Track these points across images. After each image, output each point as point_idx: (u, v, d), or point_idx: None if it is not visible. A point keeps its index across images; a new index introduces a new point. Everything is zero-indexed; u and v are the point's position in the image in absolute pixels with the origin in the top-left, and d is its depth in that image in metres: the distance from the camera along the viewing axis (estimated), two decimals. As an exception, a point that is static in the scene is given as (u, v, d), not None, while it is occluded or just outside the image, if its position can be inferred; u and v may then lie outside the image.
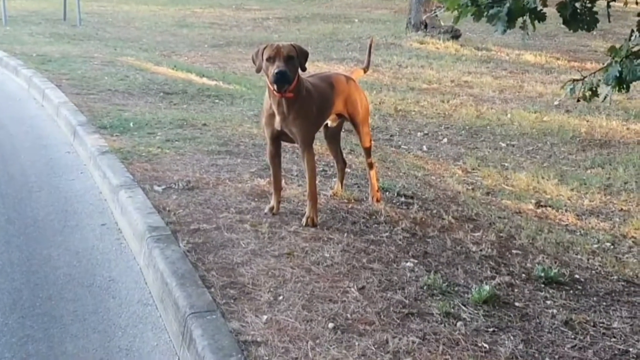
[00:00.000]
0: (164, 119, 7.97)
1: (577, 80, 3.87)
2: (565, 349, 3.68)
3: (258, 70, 4.89)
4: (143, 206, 5.23)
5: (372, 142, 6.05)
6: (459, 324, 3.81)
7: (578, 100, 3.95)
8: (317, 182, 5.86)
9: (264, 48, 4.78)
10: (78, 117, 8.00)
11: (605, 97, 3.73)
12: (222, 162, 6.34)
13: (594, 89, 3.81)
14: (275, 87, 4.73)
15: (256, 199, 5.46)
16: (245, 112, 8.83)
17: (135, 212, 5.13)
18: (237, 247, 4.59)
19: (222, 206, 5.28)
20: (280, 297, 3.96)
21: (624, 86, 3.52)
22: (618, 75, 3.43)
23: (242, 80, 11.80)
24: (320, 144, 7.49)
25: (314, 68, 13.59)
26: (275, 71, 4.65)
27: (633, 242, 6.01)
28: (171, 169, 6.10)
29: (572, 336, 3.83)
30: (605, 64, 3.58)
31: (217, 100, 9.63)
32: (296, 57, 4.77)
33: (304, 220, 5.06)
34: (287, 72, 4.66)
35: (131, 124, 7.65)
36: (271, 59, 4.70)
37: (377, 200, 5.69)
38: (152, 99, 9.43)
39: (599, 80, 3.77)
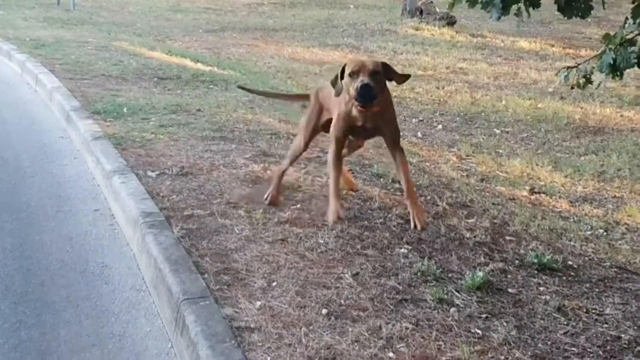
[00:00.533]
0: (157, 104, 7.94)
1: (571, 67, 3.87)
2: (558, 335, 3.68)
3: (337, 93, 4.60)
4: (136, 192, 5.21)
5: None
6: (452, 310, 3.81)
7: (572, 88, 3.94)
8: (313, 167, 5.89)
9: (345, 65, 4.52)
10: (71, 102, 7.97)
11: (599, 85, 3.73)
12: (216, 148, 6.32)
13: (588, 76, 3.80)
14: (360, 102, 4.44)
15: (250, 185, 5.45)
16: (240, 97, 8.79)
17: (128, 197, 5.11)
18: (231, 233, 4.58)
19: (216, 192, 5.26)
20: (274, 283, 3.96)
21: (618, 73, 3.51)
22: (612, 62, 3.42)
23: (236, 66, 11.78)
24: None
25: (309, 54, 13.62)
26: (359, 85, 4.35)
27: (626, 228, 6.03)
28: (165, 154, 6.08)
29: (565, 322, 3.83)
30: (599, 52, 3.58)
31: (211, 86, 9.59)
32: (381, 72, 4.51)
33: (417, 225, 4.67)
34: (370, 84, 4.36)
35: (125, 109, 7.62)
36: (354, 74, 4.41)
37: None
38: (146, 84, 9.39)
39: (593, 68, 3.77)
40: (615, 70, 3.44)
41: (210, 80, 9.93)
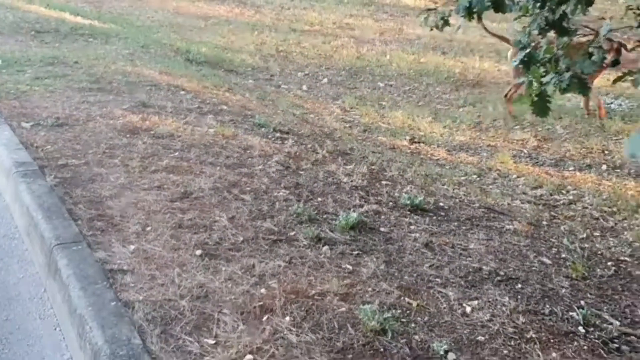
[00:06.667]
0: (34, 57, 7.70)
1: (431, 10, 4.00)
2: (424, 268, 3.85)
3: None
4: (10, 142, 5.08)
5: None
6: (324, 248, 3.92)
7: (431, 29, 4.07)
8: (193, 118, 5.87)
9: None
10: (-58, 55, 7.64)
11: (457, 28, 3.87)
12: (93, 99, 6.21)
13: (446, 18, 3.94)
14: None
15: (128, 135, 5.40)
16: (120, 50, 8.63)
17: (1, 148, 4.98)
18: (106, 181, 4.54)
19: (92, 142, 5.19)
20: (149, 228, 3.96)
21: (474, 16, 3.65)
22: (468, 5, 3.56)
23: (118, 20, 11.51)
24: (197, 82, 7.46)
25: (194, 8, 13.44)
26: None
27: (498, 174, 6.28)
28: (40, 105, 5.93)
29: (431, 256, 4.01)
30: (458, -5, 3.70)
31: (90, 39, 9.36)
32: None
33: None
34: None
35: (-1, 62, 7.37)
36: None
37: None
38: (22, 38, 9.08)
39: (451, 10, 3.90)
40: (471, 12, 3.58)
41: (90, 34, 9.68)
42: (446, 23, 3.96)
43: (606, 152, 6.90)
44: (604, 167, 6.51)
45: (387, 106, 8.47)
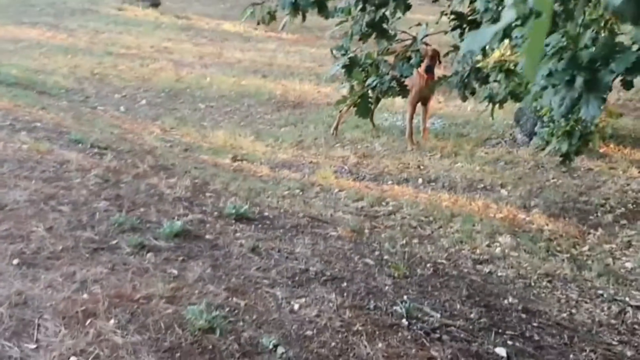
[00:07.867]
0: None
1: (257, 4, 4.04)
2: (251, 271, 3.85)
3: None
4: None
5: None
6: (149, 255, 3.83)
7: (258, 23, 4.11)
8: (5, 134, 5.61)
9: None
10: None
11: (283, 25, 3.94)
12: None
13: (272, 12, 4.00)
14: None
15: None
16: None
17: None
18: None
19: None
20: (-41, 240, 3.71)
21: (300, 12, 3.73)
22: (293, 1, 3.64)
23: None
24: (8, 101, 7.14)
25: (3, 32, 12.84)
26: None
27: (320, 188, 6.43)
28: None
29: (258, 260, 4.02)
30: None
31: None
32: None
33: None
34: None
35: None
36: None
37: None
38: None
39: (277, 6, 3.96)
40: (297, 9, 3.67)
41: None
42: (272, 17, 4.01)
43: (422, 167, 7.25)
44: (420, 180, 6.83)
45: (208, 126, 8.47)
